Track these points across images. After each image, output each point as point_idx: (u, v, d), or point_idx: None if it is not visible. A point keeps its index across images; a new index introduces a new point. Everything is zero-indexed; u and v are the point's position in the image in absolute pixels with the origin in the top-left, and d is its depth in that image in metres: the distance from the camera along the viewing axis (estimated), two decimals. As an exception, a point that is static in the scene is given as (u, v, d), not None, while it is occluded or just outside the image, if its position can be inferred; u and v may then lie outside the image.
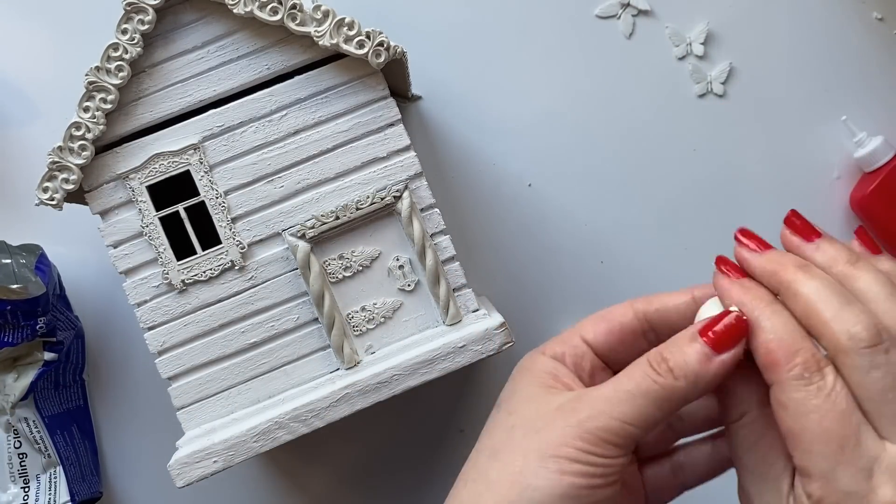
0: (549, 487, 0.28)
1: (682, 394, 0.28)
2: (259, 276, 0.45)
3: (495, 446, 0.30)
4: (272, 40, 0.44)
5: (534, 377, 0.32)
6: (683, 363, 0.28)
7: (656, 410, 0.28)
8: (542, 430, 0.29)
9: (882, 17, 0.59)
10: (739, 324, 0.28)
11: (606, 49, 0.59)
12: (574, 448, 0.28)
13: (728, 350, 0.28)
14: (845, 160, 0.59)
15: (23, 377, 0.54)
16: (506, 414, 0.31)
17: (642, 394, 0.28)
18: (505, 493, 0.28)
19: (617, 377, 0.30)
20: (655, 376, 0.28)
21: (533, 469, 0.28)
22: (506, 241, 0.59)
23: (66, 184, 0.43)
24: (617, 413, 0.28)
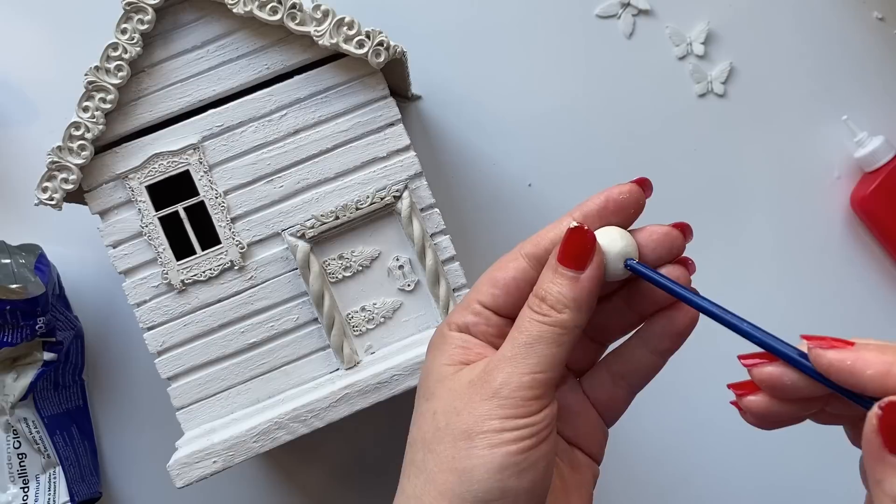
0: (484, 465, 0.28)
1: (571, 323, 0.29)
2: (259, 276, 0.45)
3: (425, 437, 0.30)
4: (272, 40, 0.44)
5: (444, 355, 0.32)
6: (559, 294, 0.29)
7: (557, 348, 0.29)
8: (462, 410, 0.29)
9: (882, 17, 0.59)
10: (585, 236, 0.29)
11: (606, 49, 0.59)
12: (496, 419, 0.28)
13: (589, 263, 0.29)
14: (845, 160, 0.59)
15: (22, 377, 0.53)
16: (424, 400, 0.31)
17: (536, 339, 0.29)
18: (445, 481, 0.29)
19: (510, 334, 0.30)
20: (541, 318, 0.29)
21: (464, 452, 0.28)
22: (506, 241, 0.59)
23: (65, 184, 0.43)
24: (523, 368, 0.29)
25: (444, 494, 0.28)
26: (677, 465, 0.60)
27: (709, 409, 0.60)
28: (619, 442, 0.60)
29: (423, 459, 0.30)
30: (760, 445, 0.60)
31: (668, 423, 0.60)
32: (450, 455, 0.29)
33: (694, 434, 0.60)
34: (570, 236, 0.30)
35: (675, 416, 0.60)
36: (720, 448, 0.60)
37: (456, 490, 0.28)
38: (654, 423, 0.60)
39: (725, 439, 0.60)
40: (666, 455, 0.60)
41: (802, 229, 0.59)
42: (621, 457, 0.60)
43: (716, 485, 0.60)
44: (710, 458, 0.60)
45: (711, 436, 0.60)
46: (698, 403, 0.60)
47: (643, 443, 0.60)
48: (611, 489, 0.60)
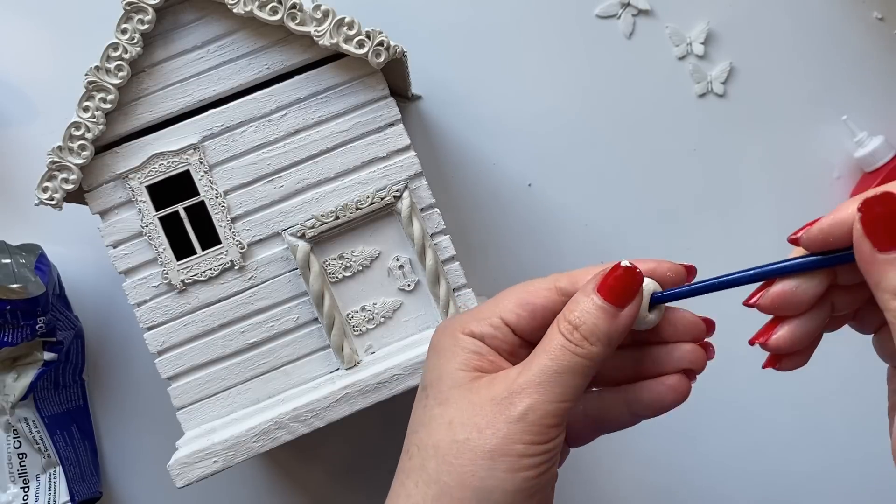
0: (502, 487, 0.29)
1: (599, 356, 0.30)
2: (259, 276, 0.45)
3: (438, 446, 0.30)
4: (272, 40, 0.44)
5: (457, 358, 0.32)
6: (594, 326, 0.30)
7: (582, 379, 0.30)
8: (485, 429, 0.29)
9: (882, 17, 0.59)
10: (631, 273, 0.30)
11: (606, 49, 0.59)
12: (521, 444, 0.29)
13: (629, 302, 0.30)
14: (845, 160, 0.59)
15: (23, 377, 0.54)
16: (437, 403, 0.31)
17: (567, 370, 0.29)
18: (461, 498, 0.29)
19: (538, 357, 0.30)
20: (574, 348, 0.30)
21: (485, 471, 0.29)
22: (506, 241, 0.59)
23: (65, 184, 0.43)
24: (551, 397, 0.29)
25: None
26: (677, 466, 0.60)
27: (709, 409, 0.60)
28: (620, 441, 0.60)
29: (436, 470, 0.30)
30: (760, 445, 0.60)
31: (668, 423, 0.60)
32: (469, 472, 0.29)
33: (694, 433, 0.60)
34: (619, 271, 0.30)
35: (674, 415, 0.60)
36: (720, 448, 0.60)
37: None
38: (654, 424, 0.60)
39: (725, 439, 0.60)
40: (665, 454, 0.60)
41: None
42: (621, 456, 0.60)
43: (716, 484, 0.60)
44: (709, 458, 0.60)
45: (711, 435, 0.60)
46: (698, 403, 0.60)
47: (643, 442, 0.60)
48: (611, 489, 0.60)
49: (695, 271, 0.33)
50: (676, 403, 0.32)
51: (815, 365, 0.62)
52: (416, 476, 0.31)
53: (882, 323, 0.30)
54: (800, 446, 0.60)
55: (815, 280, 0.28)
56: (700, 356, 0.33)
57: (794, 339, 0.29)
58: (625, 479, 0.60)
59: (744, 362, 0.58)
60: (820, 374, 0.59)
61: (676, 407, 0.32)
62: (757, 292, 0.29)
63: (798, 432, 0.60)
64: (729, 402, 0.59)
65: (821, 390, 0.59)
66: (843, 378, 0.59)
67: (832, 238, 0.27)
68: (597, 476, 0.60)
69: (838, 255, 0.27)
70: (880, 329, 0.30)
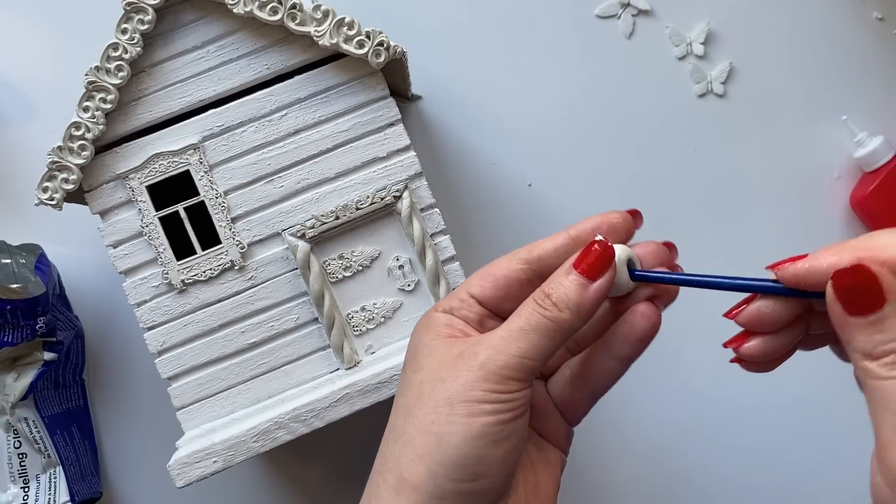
0: (462, 432, 0.29)
1: (567, 324, 0.31)
2: (259, 276, 0.45)
3: (408, 404, 0.32)
4: (272, 40, 0.44)
5: (431, 331, 0.33)
6: (564, 296, 0.31)
7: (548, 342, 0.31)
8: (447, 378, 0.31)
9: (882, 17, 0.59)
10: (605, 250, 0.31)
11: (606, 49, 0.59)
12: (479, 390, 0.30)
13: (600, 276, 0.31)
14: (845, 160, 0.59)
15: (23, 377, 0.54)
16: (412, 372, 0.33)
17: (533, 328, 0.31)
18: (423, 444, 0.30)
19: (509, 318, 0.32)
20: (542, 311, 0.31)
21: (445, 417, 0.30)
22: (506, 241, 0.59)
23: (65, 184, 0.43)
24: (513, 350, 0.30)
25: (421, 457, 0.30)
26: (676, 465, 0.60)
27: (708, 409, 0.60)
28: (620, 441, 0.60)
29: (403, 424, 0.31)
30: (760, 445, 0.60)
31: (668, 423, 0.60)
32: (430, 419, 0.30)
33: (693, 434, 0.60)
34: (592, 247, 0.31)
35: (674, 415, 0.60)
36: (720, 447, 0.60)
37: (433, 453, 0.30)
38: (654, 423, 0.60)
39: (725, 439, 0.60)
40: (665, 454, 0.60)
41: (802, 229, 0.59)
42: (621, 456, 0.60)
43: (715, 485, 0.60)
44: (709, 458, 0.60)
45: (711, 436, 0.60)
46: (698, 403, 0.60)
47: (643, 442, 0.60)
48: (611, 488, 0.60)
49: (639, 215, 0.34)
50: (649, 331, 0.33)
51: (814, 365, 0.62)
52: (388, 436, 0.32)
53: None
54: (799, 446, 0.60)
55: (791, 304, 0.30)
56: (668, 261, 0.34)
57: (765, 351, 0.31)
58: (625, 479, 0.60)
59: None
60: (820, 374, 0.59)
61: (651, 336, 0.33)
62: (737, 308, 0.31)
63: (798, 432, 0.60)
64: (728, 401, 0.59)
65: (820, 390, 0.59)
66: (842, 378, 0.59)
67: (804, 284, 0.28)
68: (596, 476, 0.60)
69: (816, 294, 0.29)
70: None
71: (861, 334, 0.26)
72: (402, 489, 0.30)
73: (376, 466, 0.32)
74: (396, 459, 0.31)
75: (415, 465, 0.30)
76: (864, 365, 0.26)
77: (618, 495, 0.60)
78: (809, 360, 0.57)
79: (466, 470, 0.29)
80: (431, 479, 0.29)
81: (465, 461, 0.29)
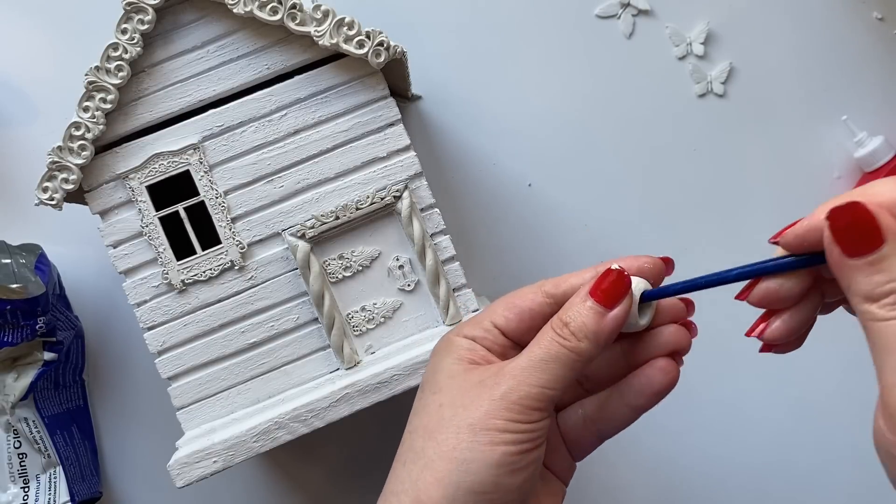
0: (483, 459, 0.30)
1: (586, 353, 0.31)
2: (259, 276, 0.45)
3: (427, 426, 0.32)
4: (272, 40, 0.44)
5: (452, 355, 0.34)
6: (582, 324, 0.31)
7: (568, 371, 0.31)
8: (469, 405, 0.31)
9: (882, 17, 0.59)
10: (621, 277, 0.31)
11: (606, 49, 0.59)
12: (501, 419, 0.30)
13: (617, 304, 0.31)
14: (845, 160, 0.59)
15: (23, 377, 0.54)
16: (431, 393, 0.33)
17: (553, 359, 0.31)
18: (443, 469, 0.30)
19: (529, 348, 0.32)
20: (562, 341, 0.31)
21: (466, 444, 0.30)
22: (506, 241, 0.59)
23: (65, 184, 0.43)
24: (534, 380, 0.31)
25: (440, 481, 0.30)
26: (676, 466, 0.60)
27: (709, 409, 0.60)
28: (620, 441, 0.60)
29: (422, 447, 0.31)
30: (760, 444, 0.60)
31: (667, 423, 0.60)
32: (451, 445, 0.30)
33: (693, 434, 0.60)
34: (609, 276, 0.32)
35: (675, 415, 0.60)
36: (719, 447, 0.60)
37: (452, 478, 0.30)
38: (654, 423, 0.60)
39: (725, 439, 0.60)
40: (664, 457, 0.60)
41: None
42: (622, 456, 0.60)
43: (715, 485, 0.60)
44: (708, 461, 0.60)
45: (710, 435, 0.60)
46: (698, 404, 0.60)
47: (642, 442, 0.60)
48: (611, 488, 0.60)
49: (672, 263, 0.34)
50: (667, 386, 0.33)
51: (814, 365, 0.62)
52: (405, 456, 0.32)
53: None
54: (799, 445, 0.60)
55: (797, 278, 0.30)
56: (683, 335, 0.34)
57: (788, 330, 0.30)
58: (624, 482, 0.60)
59: (742, 362, 0.58)
60: (819, 374, 0.59)
61: (668, 391, 0.33)
62: (745, 290, 0.31)
63: (797, 432, 0.60)
64: (728, 401, 0.59)
65: (820, 390, 0.59)
66: (842, 378, 0.59)
67: (807, 242, 0.28)
68: (597, 476, 0.60)
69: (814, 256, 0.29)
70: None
71: (860, 276, 0.26)
72: None
73: (390, 486, 0.32)
74: (414, 482, 0.31)
75: (433, 488, 0.30)
76: (865, 308, 0.26)
77: (618, 497, 0.60)
78: (809, 360, 0.57)
79: (483, 497, 0.30)
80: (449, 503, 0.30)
81: (483, 488, 0.30)
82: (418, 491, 0.30)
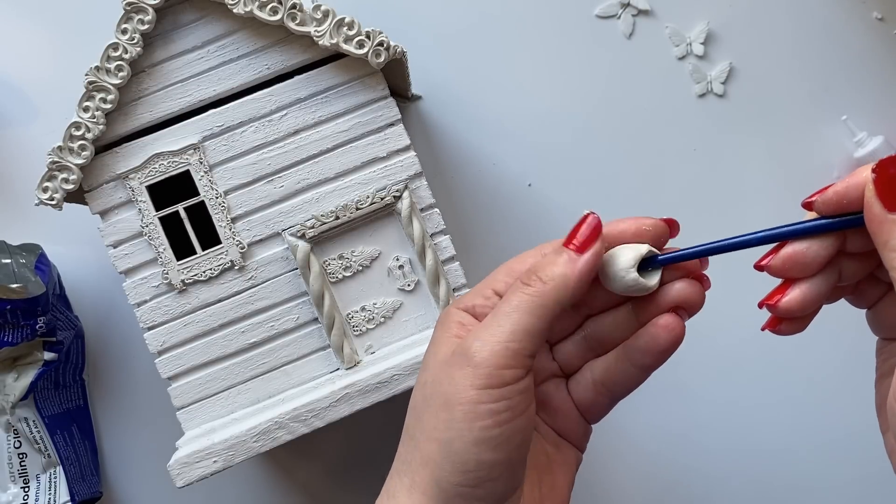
0: (462, 438, 0.29)
1: (551, 295, 0.29)
2: (259, 276, 0.45)
3: (415, 406, 0.31)
4: (272, 40, 0.44)
5: (444, 330, 0.32)
6: (551, 270, 0.30)
7: (533, 318, 0.29)
8: (444, 380, 0.30)
9: (882, 17, 0.59)
10: (591, 221, 0.31)
11: (606, 49, 0.59)
12: (473, 389, 0.29)
13: (588, 249, 0.30)
14: (845, 160, 0.59)
15: (23, 377, 0.54)
16: (422, 370, 0.32)
17: (514, 308, 0.29)
18: (427, 450, 0.30)
19: (495, 305, 0.30)
20: (525, 288, 0.30)
21: (444, 423, 0.29)
22: (506, 241, 0.59)
23: (65, 184, 0.43)
24: (498, 335, 0.29)
25: (426, 463, 0.30)
26: (675, 467, 0.60)
27: (709, 410, 0.60)
28: (620, 441, 0.60)
29: (413, 427, 0.31)
30: (760, 444, 0.60)
31: (667, 424, 0.60)
32: (432, 425, 0.30)
33: (693, 434, 0.60)
34: (581, 222, 0.31)
35: (674, 415, 0.60)
36: (719, 448, 0.60)
37: (436, 458, 0.29)
38: (654, 423, 0.60)
39: (725, 439, 0.60)
40: (664, 457, 0.60)
41: (802, 229, 0.59)
42: (622, 457, 0.60)
43: (715, 486, 0.60)
44: (708, 461, 0.60)
45: (711, 437, 0.60)
46: (698, 404, 0.60)
47: (642, 443, 0.60)
48: (612, 488, 0.60)
49: (676, 225, 0.33)
50: (672, 343, 0.32)
51: (814, 365, 0.62)
52: (403, 436, 0.32)
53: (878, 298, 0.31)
54: (799, 445, 0.60)
55: (825, 242, 0.29)
56: (693, 290, 0.32)
57: (804, 301, 0.30)
58: (624, 482, 0.60)
59: (742, 362, 0.59)
60: (819, 374, 0.59)
61: (674, 348, 0.32)
62: (769, 254, 0.30)
63: (797, 432, 0.60)
64: (728, 401, 0.59)
65: (820, 390, 0.59)
66: (842, 379, 0.59)
67: (846, 200, 0.28)
68: (597, 475, 0.60)
69: (849, 218, 0.28)
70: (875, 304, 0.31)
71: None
72: (412, 492, 0.30)
73: (394, 466, 0.32)
74: (408, 462, 0.31)
75: (422, 469, 0.30)
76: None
77: (618, 497, 0.60)
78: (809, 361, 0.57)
79: (469, 475, 0.29)
80: (436, 484, 0.29)
81: (466, 467, 0.29)
82: (412, 472, 0.30)
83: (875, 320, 0.32)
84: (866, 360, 0.33)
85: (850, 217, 0.28)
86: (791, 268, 0.29)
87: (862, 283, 0.31)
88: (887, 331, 0.32)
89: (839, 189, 0.28)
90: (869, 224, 0.27)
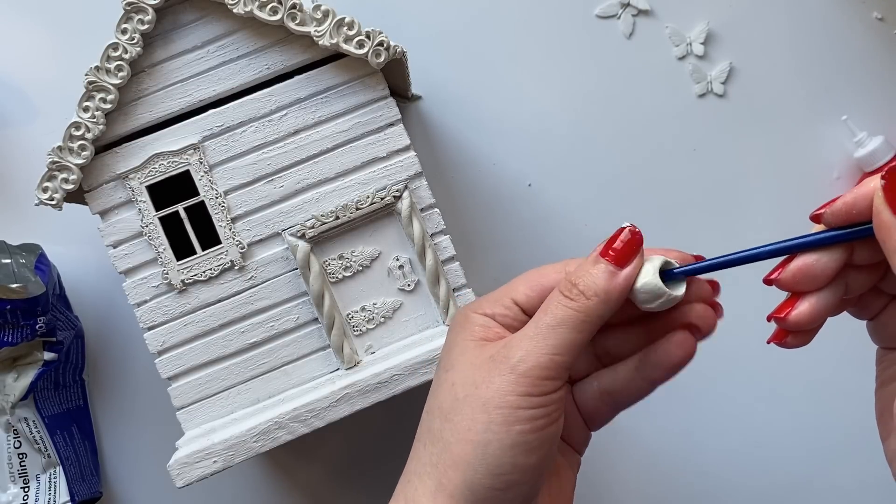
0: (499, 441, 0.29)
1: (596, 311, 0.30)
2: (259, 276, 0.45)
3: (442, 406, 0.31)
4: (272, 40, 0.44)
5: (466, 332, 0.33)
6: (592, 283, 0.30)
7: (577, 334, 0.30)
8: (481, 383, 0.30)
9: (882, 17, 0.59)
10: (634, 237, 0.31)
11: (606, 49, 0.59)
12: (514, 395, 0.29)
13: (629, 263, 0.31)
14: (845, 160, 0.59)
15: (23, 377, 0.54)
16: (444, 371, 0.32)
17: (560, 322, 0.30)
18: (460, 452, 0.30)
19: (536, 315, 0.31)
20: (569, 303, 0.30)
21: (481, 425, 0.29)
22: (506, 241, 0.59)
23: (65, 184, 0.43)
24: (543, 348, 0.30)
25: (457, 464, 0.30)
26: (675, 467, 0.60)
27: (709, 410, 0.60)
28: (620, 441, 0.60)
29: (440, 429, 0.31)
30: (760, 445, 0.60)
31: (669, 424, 0.60)
32: (466, 426, 0.30)
33: (693, 435, 0.60)
34: (619, 234, 0.31)
35: (673, 418, 0.60)
36: (720, 448, 0.60)
37: (470, 461, 0.29)
38: (656, 424, 0.60)
39: (725, 440, 0.60)
40: (664, 458, 0.60)
41: (802, 230, 0.59)
42: (623, 457, 0.60)
43: (715, 487, 0.60)
44: (709, 459, 0.60)
45: (711, 436, 0.60)
46: (698, 404, 0.60)
47: (643, 443, 0.60)
48: (613, 488, 0.60)
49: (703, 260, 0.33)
50: (684, 360, 0.32)
51: (814, 365, 0.62)
52: (425, 437, 0.32)
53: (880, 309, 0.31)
54: (799, 446, 0.60)
55: (834, 254, 0.29)
56: (706, 313, 0.33)
57: (813, 314, 0.30)
58: (624, 482, 0.60)
59: (742, 362, 0.59)
60: (819, 374, 0.59)
61: (685, 365, 0.32)
62: (778, 268, 0.30)
63: (797, 432, 0.60)
64: (728, 401, 0.59)
65: (820, 391, 0.59)
66: (842, 379, 0.59)
67: (855, 211, 0.28)
68: (598, 475, 0.60)
69: (858, 229, 0.28)
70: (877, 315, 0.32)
71: None
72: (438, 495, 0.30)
73: (412, 466, 0.32)
74: (434, 465, 0.31)
75: (452, 471, 0.30)
76: None
77: (619, 497, 0.60)
78: (809, 361, 0.57)
79: (501, 478, 0.29)
80: (468, 486, 0.29)
81: (500, 469, 0.29)
82: (439, 474, 0.30)
83: (876, 331, 0.32)
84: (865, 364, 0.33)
85: (859, 228, 0.28)
86: (800, 281, 0.30)
87: (865, 294, 0.31)
88: (888, 341, 0.32)
89: (848, 200, 0.28)
90: (878, 231, 0.27)
